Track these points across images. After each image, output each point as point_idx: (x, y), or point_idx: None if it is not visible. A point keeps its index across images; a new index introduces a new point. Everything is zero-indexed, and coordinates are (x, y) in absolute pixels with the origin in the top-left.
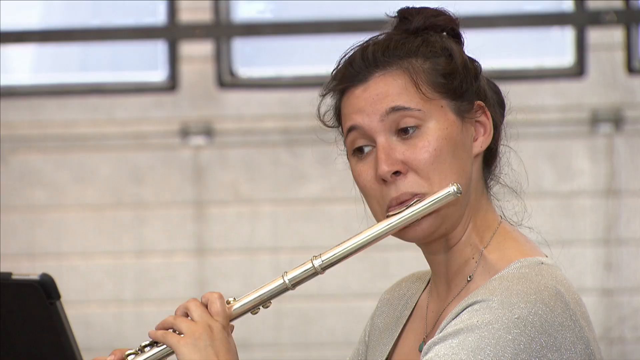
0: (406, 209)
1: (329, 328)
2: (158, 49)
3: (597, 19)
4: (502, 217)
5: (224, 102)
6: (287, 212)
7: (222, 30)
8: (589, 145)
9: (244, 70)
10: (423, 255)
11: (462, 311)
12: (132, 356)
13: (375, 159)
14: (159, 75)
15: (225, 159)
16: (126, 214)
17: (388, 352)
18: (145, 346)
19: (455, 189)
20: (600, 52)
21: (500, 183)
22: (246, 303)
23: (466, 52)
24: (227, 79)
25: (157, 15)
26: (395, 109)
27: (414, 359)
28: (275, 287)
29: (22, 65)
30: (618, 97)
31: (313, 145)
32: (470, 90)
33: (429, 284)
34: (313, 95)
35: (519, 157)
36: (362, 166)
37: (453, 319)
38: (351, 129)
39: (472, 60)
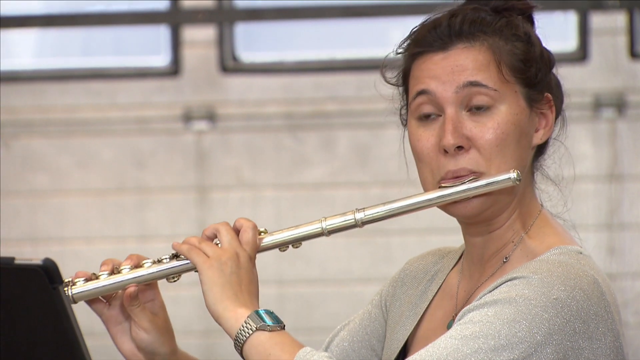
0: (461, 184)
1: (331, 313)
2: (161, 33)
3: (600, 3)
4: (542, 205)
5: (227, 87)
6: (289, 197)
7: (225, 15)
8: (592, 130)
9: (247, 55)
10: (426, 240)
11: (501, 285)
12: (149, 263)
13: (440, 128)
14: (161, 60)
15: (228, 144)
16: (129, 198)
17: (413, 326)
18: (163, 259)
19: (515, 176)
20: (603, 36)
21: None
22: (278, 239)
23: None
24: (229, 64)
25: (160, 0)
26: (472, 84)
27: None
28: (311, 229)
29: (25, 50)
30: (621, 81)
31: (315, 129)
32: (543, 81)
33: (459, 263)
34: (315, 80)
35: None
36: (424, 132)
37: (490, 291)
38: (421, 92)
39: (549, 53)
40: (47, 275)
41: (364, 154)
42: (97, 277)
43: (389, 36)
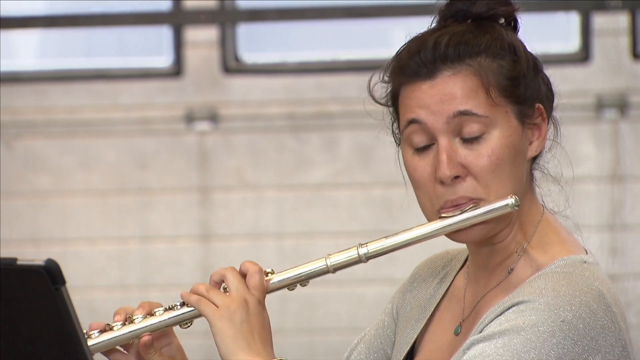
0: (461, 213)
1: (333, 313)
2: (163, 34)
3: (602, 4)
4: (544, 206)
5: (229, 88)
6: (291, 198)
7: (227, 16)
8: (594, 131)
9: (249, 55)
10: (428, 242)
11: (507, 309)
12: (161, 311)
13: (434, 158)
14: (164, 60)
15: (230, 145)
16: (131, 199)
17: (420, 329)
18: (174, 306)
19: (514, 202)
20: (606, 37)
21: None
22: (285, 279)
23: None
24: (232, 65)
25: (162, 1)
26: (462, 113)
27: (448, 340)
28: (316, 268)
29: (27, 51)
30: (623, 82)
31: (318, 130)
32: (532, 94)
33: (465, 265)
34: (318, 80)
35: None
36: (419, 161)
37: (497, 315)
38: (412, 121)
39: (534, 58)
40: (49, 276)
41: (366, 154)
42: (111, 328)
43: (391, 37)
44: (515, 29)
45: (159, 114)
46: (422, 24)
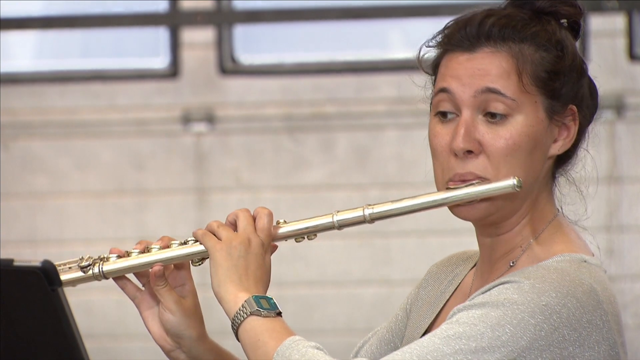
0: (464, 187)
1: (330, 315)
2: (160, 35)
3: (599, 4)
4: (560, 210)
5: (226, 89)
6: (288, 199)
7: (224, 17)
8: (591, 132)
9: (246, 56)
10: (424, 242)
11: (494, 287)
12: (176, 244)
13: (455, 129)
14: (160, 61)
15: (227, 146)
16: (128, 200)
17: (428, 325)
18: (188, 241)
19: (515, 183)
20: (602, 38)
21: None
22: (293, 229)
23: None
24: (228, 66)
25: (159, 2)
26: (491, 90)
27: None
28: (323, 222)
29: (24, 52)
30: (620, 83)
31: (315, 131)
32: (568, 94)
33: (477, 264)
34: (314, 81)
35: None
36: (441, 129)
37: (483, 293)
38: (442, 90)
39: (582, 62)
40: (46, 277)
41: (363, 155)
42: (129, 255)
43: (387, 38)
44: (576, 33)
45: (155, 115)
46: (419, 25)
